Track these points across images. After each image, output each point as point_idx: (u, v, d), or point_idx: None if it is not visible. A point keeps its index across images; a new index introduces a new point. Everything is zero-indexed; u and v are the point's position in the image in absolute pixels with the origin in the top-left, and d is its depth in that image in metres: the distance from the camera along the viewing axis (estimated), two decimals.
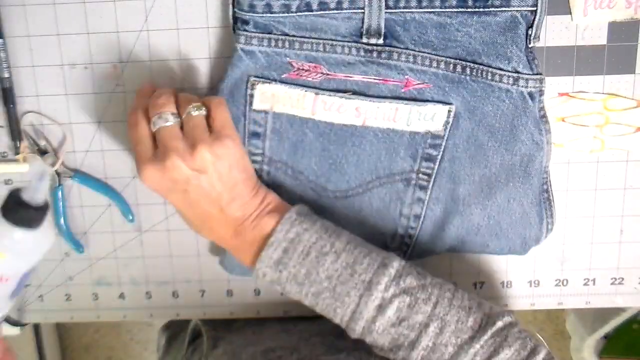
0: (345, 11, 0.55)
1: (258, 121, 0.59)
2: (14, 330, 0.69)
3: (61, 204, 0.64)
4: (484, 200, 0.61)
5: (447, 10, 0.55)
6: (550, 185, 0.62)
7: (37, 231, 0.49)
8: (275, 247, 0.53)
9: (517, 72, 0.56)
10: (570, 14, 0.58)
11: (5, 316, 0.48)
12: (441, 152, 0.60)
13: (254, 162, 0.60)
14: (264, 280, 0.55)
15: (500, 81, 0.56)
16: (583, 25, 0.58)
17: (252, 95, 0.58)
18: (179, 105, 0.54)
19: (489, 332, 0.50)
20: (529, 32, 0.55)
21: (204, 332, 0.69)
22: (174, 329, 0.82)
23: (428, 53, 0.57)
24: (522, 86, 0.56)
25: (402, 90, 0.58)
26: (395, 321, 0.51)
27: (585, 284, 0.66)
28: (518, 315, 0.77)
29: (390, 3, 0.55)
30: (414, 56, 0.57)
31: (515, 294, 0.67)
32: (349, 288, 0.52)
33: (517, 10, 0.54)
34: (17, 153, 0.63)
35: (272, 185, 0.61)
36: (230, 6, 0.56)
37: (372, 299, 0.52)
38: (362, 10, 0.55)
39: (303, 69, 0.58)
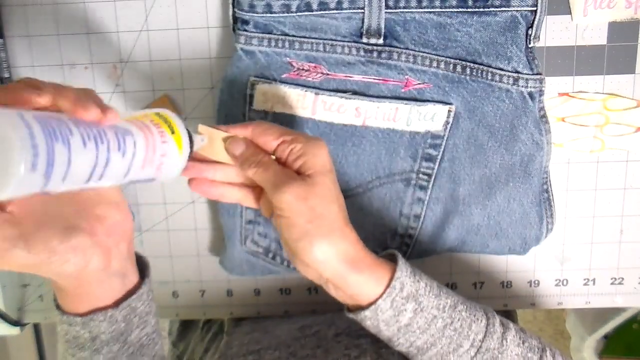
0: (345, 11, 0.55)
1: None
2: (14, 330, 0.69)
3: None
4: (484, 200, 0.61)
5: (447, 10, 0.55)
6: (550, 185, 0.62)
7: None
8: (405, 262, 0.51)
9: (517, 72, 0.56)
10: (570, 14, 0.58)
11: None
12: (441, 152, 0.60)
13: None
14: (400, 295, 0.49)
15: (500, 81, 0.56)
16: (583, 25, 0.58)
17: (252, 95, 0.58)
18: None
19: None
20: (529, 32, 0.55)
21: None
22: None
23: (428, 53, 0.57)
24: (522, 86, 0.56)
25: (402, 90, 0.58)
26: (519, 341, 0.52)
27: (585, 284, 0.66)
28: (518, 315, 0.77)
29: (390, 3, 0.55)
30: (414, 56, 0.57)
31: (515, 294, 0.67)
32: (475, 306, 0.52)
33: (517, 10, 0.54)
34: None
35: None
36: (230, 6, 0.56)
37: (496, 317, 0.52)
38: (362, 10, 0.55)
39: (303, 69, 0.58)
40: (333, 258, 0.47)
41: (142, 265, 0.51)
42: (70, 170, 0.37)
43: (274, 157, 0.48)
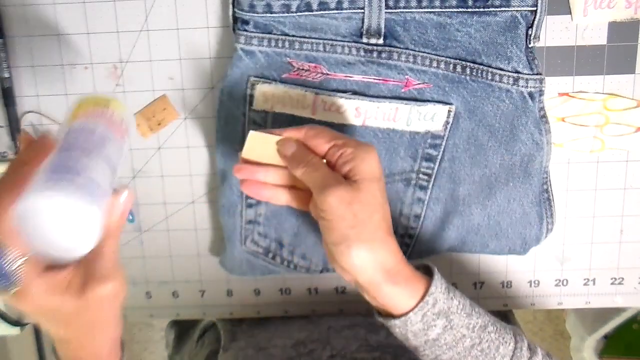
0: (345, 11, 0.55)
1: (258, 121, 0.59)
2: (14, 330, 0.69)
3: None
4: (484, 200, 0.61)
5: (447, 10, 0.55)
6: (550, 185, 0.62)
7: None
8: (440, 277, 0.50)
9: (517, 72, 0.56)
10: (570, 14, 0.58)
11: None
12: (441, 152, 0.60)
13: None
14: (431, 311, 0.48)
15: (500, 81, 0.56)
16: (583, 25, 0.58)
17: (252, 95, 0.58)
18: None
19: None
20: (529, 32, 0.55)
21: (220, 326, 0.69)
22: (183, 325, 0.82)
23: (428, 53, 0.57)
24: (522, 86, 0.56)
25: (402, 90, 0.58)
26: None
27: (585, 284, 0.66)
28: (518, 315, 0.77)
29: (390, 3, 0.55)
30: (414, 56, 0.57)
31: (515, 294, 0.67)
32: (505, 328, 0.52)
33: (517, 10, 0.54)
34: (17, 153, 0.63)
35: None
36: (230, 6, 0.56)
37: (525, 340, 0.52)
38: (362, 10, 0.55)
39: (303, 69, 0.58)
40: (370, 266, 0.46)
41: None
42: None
43: (324, 161, 0.49)
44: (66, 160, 0.39)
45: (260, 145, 0.50)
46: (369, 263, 0.46)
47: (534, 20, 0.55)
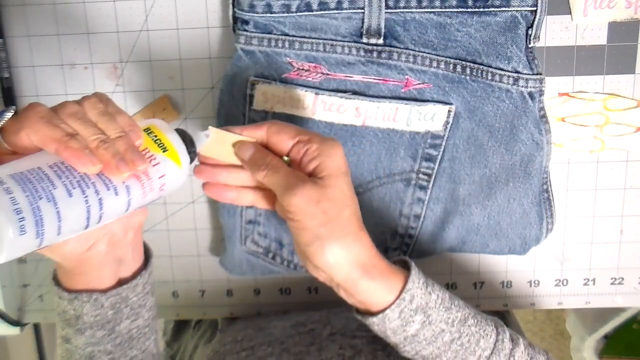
0: (345, 11, 0.55)
1: (258, 121, 0.59)
2: (14, 330, 0.69)
3: None
4: (484, 200, 0.61)
5: (447, 10, 0.55)
6: (550, 185, 0.62)
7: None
8: (418, 272, 0.49)
9: (517, 72, 0.56)
10: (570, 14, 0.58)
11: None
12: (441, 152, 0.60)
13: None
14: (409, 307, 0.48)
15: (500, 81, 0.56)
16: (583, 25, 0.58)
17: (252, 95, 0.58)
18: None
19: None
20: (529, 32, 0.55)
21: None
22: None
23: (428, 53, 0.57)
24: (522, 86, 0.56)
25: (402, 90, 0.58)
26: (527, 357, 0.51)
27: (585, 284, 0.66)
28: (518, 315, 0.77)
29: (390, 3, 0.55)
30: (414, 56, 0.57)
31: (515, 294, 0.67)
32: (486, 320, 0.51)
33: (517, 10, 0.54)
34: None
35: None
36: (230, 6, 0.56)
37: (506, 332, 0.51)
38: (362, 10, 0.55)
39: (303, 69, 0.58)
40: (346, 262, 0.46)
41: (145, 257, 0.52)
42: (63, 223, 0.36)
43: (287, 157, 0.47)
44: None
45: (218, 143, 0.48)
46: (344, 260, 0.45)
47: (534, 20, 0.54)
